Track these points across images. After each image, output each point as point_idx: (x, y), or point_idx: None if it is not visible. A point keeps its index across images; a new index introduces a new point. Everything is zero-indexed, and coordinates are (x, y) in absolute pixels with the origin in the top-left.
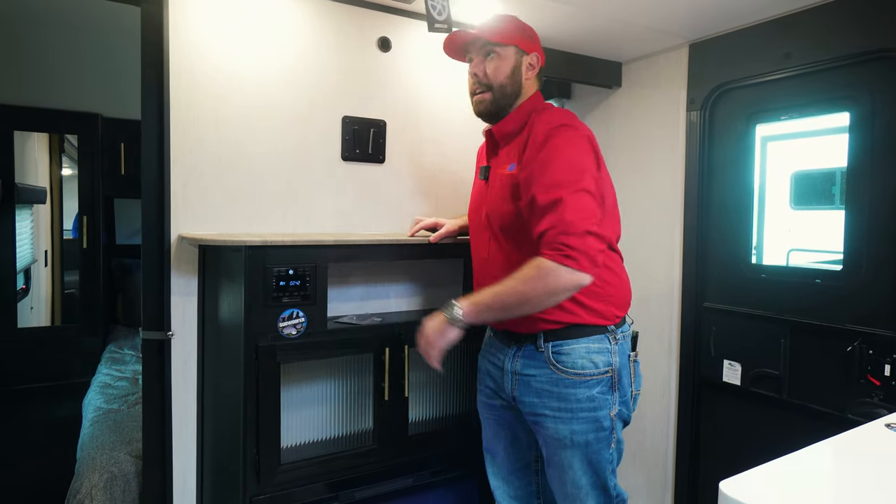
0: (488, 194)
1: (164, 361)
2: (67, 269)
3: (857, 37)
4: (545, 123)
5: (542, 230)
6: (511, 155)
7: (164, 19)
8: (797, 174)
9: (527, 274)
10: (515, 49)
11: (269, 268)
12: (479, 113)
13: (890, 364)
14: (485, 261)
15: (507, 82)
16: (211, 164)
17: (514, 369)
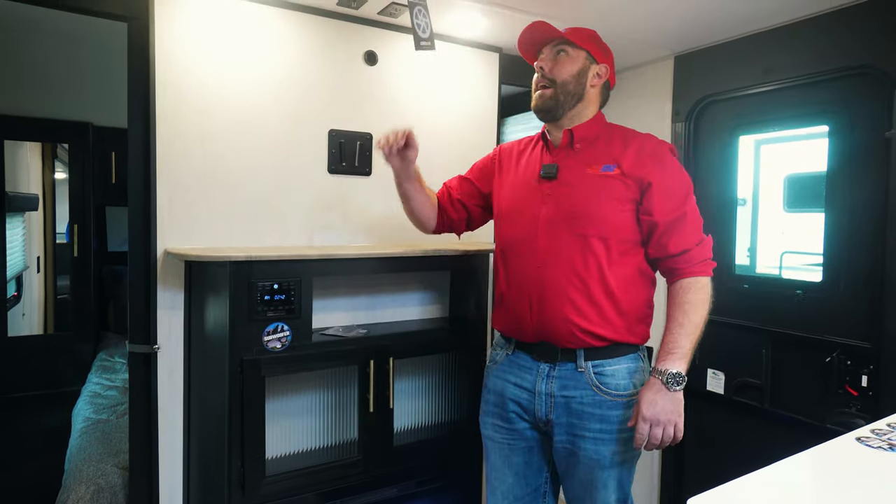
0: (563, 194)
1: (151, 374)
2: (60, 273)
3: (835, 53)
4: (649, 138)
5: (686, 247)
6: (602, 158)
7: (151, 34)
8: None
9: (700, 298)
10: (587, 54)
11: (253, 282)
12: (536, 107)
13: (867, 375)
14: (541, 264)
15: (571, 81)
16: (197, 179)
17: (550, 391)
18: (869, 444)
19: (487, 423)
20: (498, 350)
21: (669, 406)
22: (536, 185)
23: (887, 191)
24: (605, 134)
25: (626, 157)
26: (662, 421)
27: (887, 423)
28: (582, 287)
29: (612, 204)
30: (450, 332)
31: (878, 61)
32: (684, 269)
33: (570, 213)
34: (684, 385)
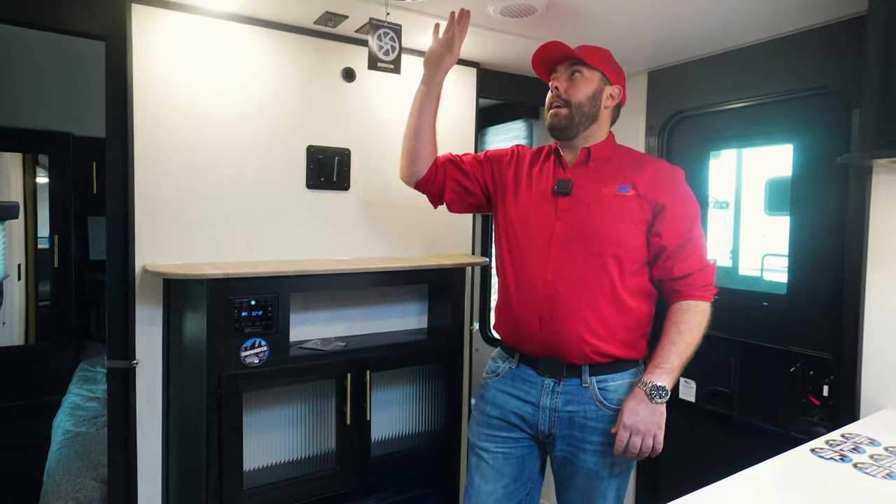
0: (577, 210)
1: (129, 389)
2: (42, 278)
3: (796, 74)
4: (662, 162)
5: (689, 272)
6: (618, 178)
7: (128, 53)
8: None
9: (696, 321)
10: (601, 76)
11: (231, 299)
12: (552, 125)
13: (828, 385)
14: (546, 282)
15: (586, 103)
16: (175, 196)
17: (555, 406)
18: (822, 456)
19: (481, 434)
20: (500, 362)
21: (650, 417)
22: (550, 199)
23: (845, 211)
24: (617, 154)
25: (642, 179)
26: (642, 431)
27: (841, 434)
28: (595, 305)
29: (627, 224)
30: (428, 343)
31: (835, 84)
32: (686, 292)
33: (585, 232)
34: (667, 398)
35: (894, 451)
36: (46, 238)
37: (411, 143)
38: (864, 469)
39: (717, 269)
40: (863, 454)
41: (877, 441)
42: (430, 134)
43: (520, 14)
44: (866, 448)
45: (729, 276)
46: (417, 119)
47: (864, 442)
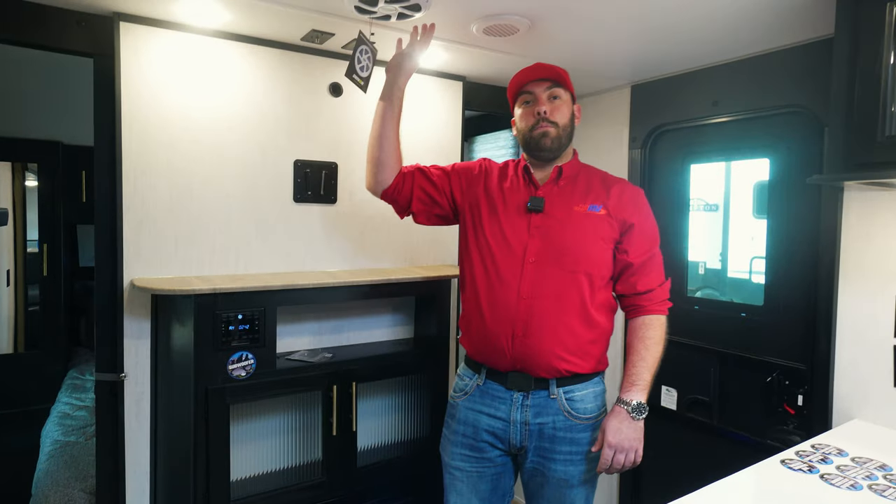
0: (551, 227)
1: (118, 402)
2: (31, 282)
3: (772, 92)
4: (626, 182)
5: (651, 287)
6: (587, 197)
7: (117, 70)
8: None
9: (660, 335)
10: (571, 96)
11: (218, 314)
12: (545, 147)
13: (802, 395)
14: (527, 295)
15: (568, 124)
16: (163, 210)
17: (525, 420)
18: (791, 467)
19: (455, 454)
20: (466, 380)
21: (633, 434)
22: (524, 216)
23: (819, 226)
24: (583, 172)
25: (611, 199)
26: (626, 447)
27: (812, 445)
28: (567, 321)
29: (599, 243)
30: (414, 354)
31: (808, 103)
32: (647, 307)
33: (560, 249)
34: (642, 413)
35: (860, 461)
36: (36, 241)
37: (375, 151)
38: (830, 480)
39: (707, 272)
40: (830, 465)
41: (844, 451)
42: (394, 142)
43: (502, 33)
44: (834, 459)
45: (718, 279)
46: (380, 126)
47: (833, 452)
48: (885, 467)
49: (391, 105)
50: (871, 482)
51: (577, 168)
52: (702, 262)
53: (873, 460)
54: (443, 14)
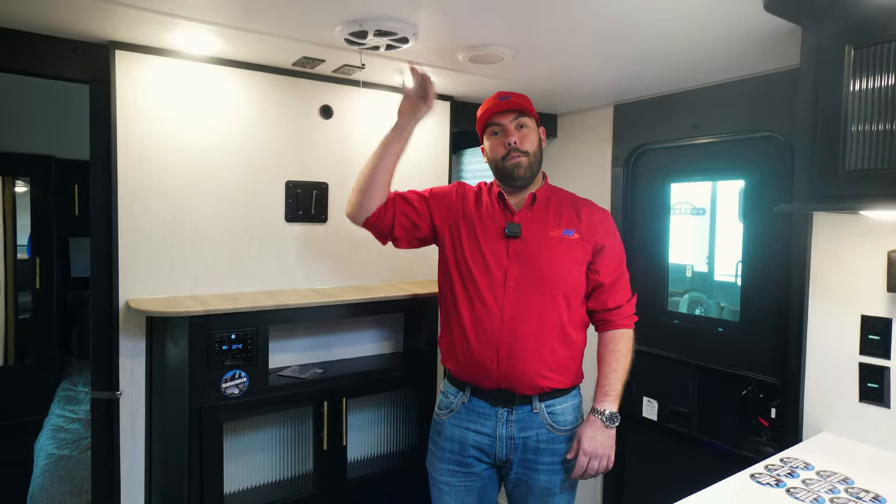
0: (529, 252)
1: (113, 420)
2: (22, 289)
3: (747, 117)
4: (594, 205)
5: (620, 304)
6: (560, 222)
7: (112, 96)
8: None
9: (628, 348)
10: (536, 122)
11: (211, 334)
12: (519, 176)
13: (775, 407)
14: (504, 320)
15: (538, 150)
16: (158, 232)
17: (510, 434)
18: (759, 482)
19: (443, 469)
20: (451, 398)
21: (606, 441)
22: (502, 241)
23: (790, 246)
24: (554, 195)
25: (582, 223)
26: (599, 454)
27: (780, 459)
28: (548, 342)
29: (574, 265)
30: (402, 369)
31: (779, 128)
32: (616, 322)
33: (538, 274)
34: (615, 422)
35: (825, 474)
36: (26, 247)
37: (370, 180)
38: (795, 494)
39: (695, 275)
40: (796, 479)
41: (811, 465)
42: (389, 175)
43: (488, 62)
44: (800, 472)
45: (705, 282)
46: (381, 159)
47: (800, 466)
48: (848, 480)
49: (398, 143)
50: (833, 496)
51: (548, 192)
52: (689, 265)
53: (837, 473)
54: (430, 44)
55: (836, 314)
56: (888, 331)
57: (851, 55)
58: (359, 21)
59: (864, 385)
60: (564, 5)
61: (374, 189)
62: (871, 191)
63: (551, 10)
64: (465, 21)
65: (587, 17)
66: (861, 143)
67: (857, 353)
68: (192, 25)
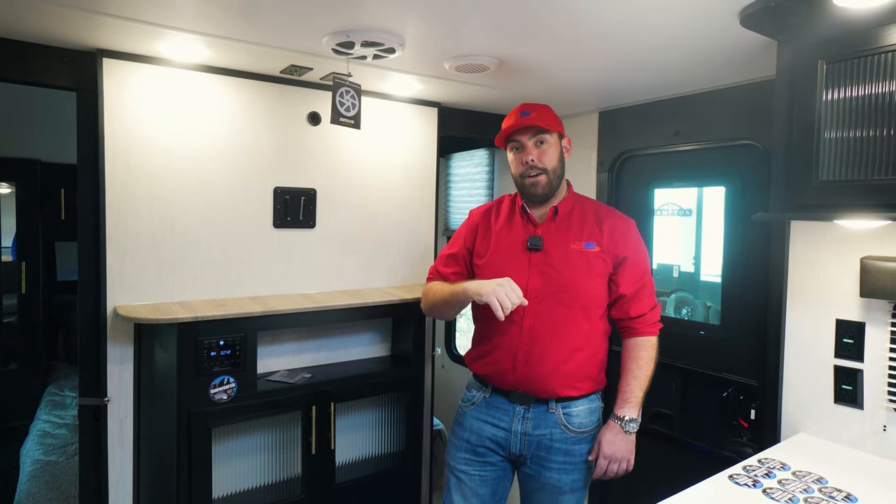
0: (549, 265)
1: (101, 426)
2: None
3: (728, 125)
4: (618, 216)
5: (643, 312)
6: (583, 234)
7: (100, 104)
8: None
9: (651, 355)
10: (558, 135)
11: (200, 340)
12: (536, 195)
13: (755, 409)
14: (524, 329)
15: (558, 165)
16: (146, 239)
17: (525, 430)
18: (737, 482)
19: (460, 458)
20: (474, 392)
21: (625, 446)
22: (523, 254)
23: (769, 252)
24: (578, 206)
25: (604, 236)
26: (619, 458)
27: (758, 459)
28: (566, 352)
29: (594, 279)
30: (391, 373)
31: (758, 137)
32: (639, 329)
33: (558, 286)
34: (634, 428)
35: (800, 475)
36: (10, 249)
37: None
38: (772, 494)
39: (681, 275)
40: (773, 479)
41: (787, 465)
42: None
43: (474, 70)
44: (777, 473)
45: (692, 282)
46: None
47: (777, 466)
48: (822, 480)
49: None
50: (808, 496)
51: (572, 203)
52: (676, 265)
53: (811, 473)
54: (417, 54)
55: (813, 318)
56: (861, 334)
57: (824, 69)
58: (346, 32)
59: (838, 387)
60: (547, 19)
61: (442, 315)
62: (844, 201)
63: (534, 23)
64: (451, 32)
65: (569, 30)
66: (834, 154)
67: (832, 356)
68: (180, 35)
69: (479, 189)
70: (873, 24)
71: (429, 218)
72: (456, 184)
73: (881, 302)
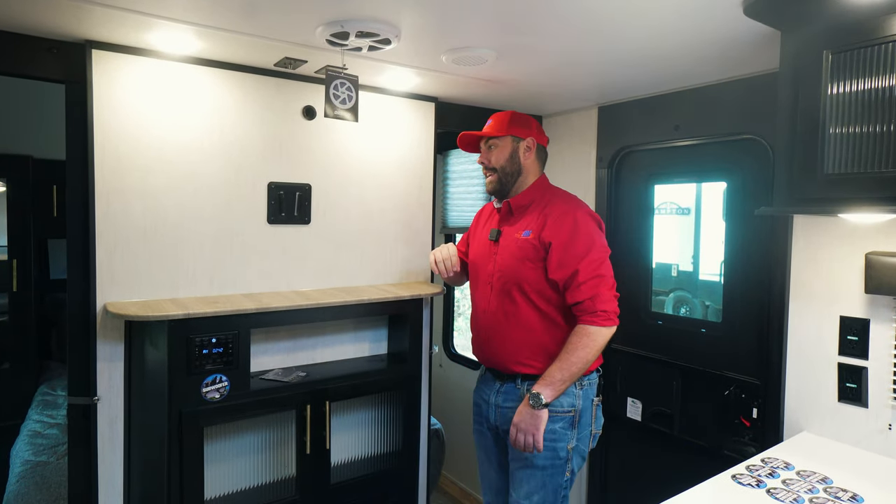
0: (499, 254)
1: (91, 426)
2: None
3: (727, 120)
4: (563, 204)
5: (578, 300)
6: (526, 224)
7: (89, 97)
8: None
9: (583, 342)
10: (512, 138)
11: (191, 338)
12: (489, 191)
13: (757, 408)
14: (485, 311)
15: (507, 164)
16: (136, 234)
17: (497, 403)
18: (741, 482)
19: (475, 427)
20: (481, 369)
21: (529, 419)
22: (489, 246)
23: (771, 248)
24: (539, 200)
25: (538, 223)
26: (522, 428)
27: (762, 459)
28: (511, 332)
29: (526, 262)
30: (387, 371)
31: (760, 131)
32: (579, 317)
33: (502, 272)
34: (542, 406)
35: (805, 474)
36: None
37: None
38: (776, 494)
39: (680, 274)
40: (777, 479)
41: (791, 465)
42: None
43: (471, 63)
44: (781, 473)
45: (690, 281)
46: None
47: (780, 466)
48: (827, 480)
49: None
50: (813, 496)
51: (531, 198)
52: (674, 264)
53: (816, 473)
54: (413, 46)
55: (816, 315)
56: (866, 331)
57: (829, 60)
58: (340, 22)
59: (842, 385)
60: (547, 9)
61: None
62: (850, 194)
63: (534, 13)
64: (448, 23)
65: (569, 20)
66: (839, 146)
67: (836, 354)
68: (171, 25)
69: (477, 186)
70: (881, 13)
71: (426, 215)
72: (454, 181)
73: (887, 298)
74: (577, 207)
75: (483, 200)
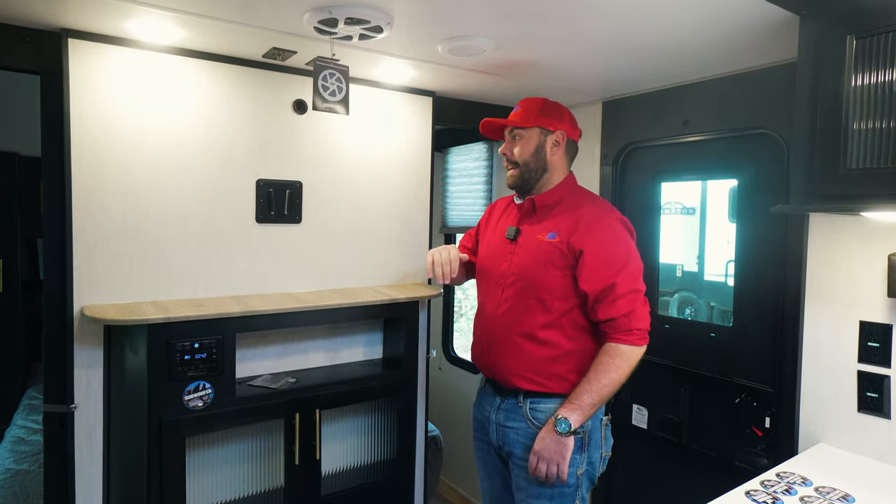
0: (516, 255)
1: (67, 435)
2: None
3: (739, 113)
4: (595, 208)
5: (611, 317)
6: (552, 226)
7: (65, 88)
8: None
9: (615, 363)
10: (539, 130)
11: (172, 343)
12: (510, 186)
13: (769, 417)
14: (491, 316)
15: (531, 160)
16: (116, 233)
17: (498, 421)
18: (755, 499)
19: (475, 444)
20: (481, 376)
21: (553, 446)
22: (505, 244)
23: (785, 249)
24: (567, 200)
25: (567, 226)
26: (545, 457)
27: (777, 473)
28: (517, 341)
29: (550, 269)
30: (381, 377)
31: (774, 125)
32: (610, 335)
33: (519, 275)
34: (570, 432)
35: (824, 491)
36: None
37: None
38: None
39: (684, 275)
40: (794, 496)
41: (809, 480)
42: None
43: (469, 54)
44: (798, 489)
45: (695, 282)
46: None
47: (797, 482)
48: (848, 498)
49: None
50: None
51: (558, 197)
52: (679, 264)
53: (836, 490)
54: (407, 35)
55: (834, 320)
56: (888, 338)
57: (853, 46)
58: (328, 7)
59: (862, 394)
60: None
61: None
62: (874, 191)
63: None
64: (444, 9)
65: (572, 8)
66: (864, 139)
67: (855, 361)
68: (150, 12)
69: (478, 185)
70: None
71: (423, 213)
72: (453, 179)
73: None
74: (611, 212)
75: (485, 200)
